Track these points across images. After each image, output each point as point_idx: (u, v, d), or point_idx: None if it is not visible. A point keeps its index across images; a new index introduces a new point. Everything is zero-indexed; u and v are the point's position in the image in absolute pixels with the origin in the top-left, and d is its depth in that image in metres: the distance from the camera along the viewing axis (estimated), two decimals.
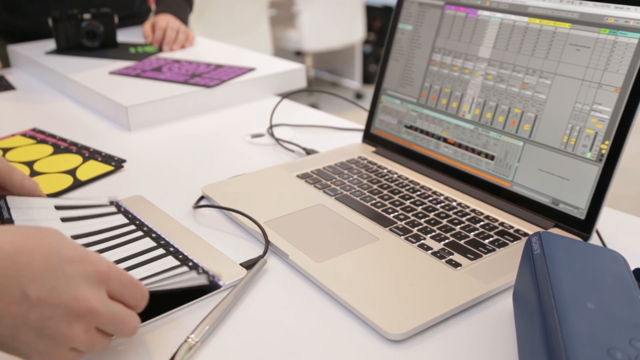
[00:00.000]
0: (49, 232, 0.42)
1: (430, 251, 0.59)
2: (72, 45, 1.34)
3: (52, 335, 0.39)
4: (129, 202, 0.70)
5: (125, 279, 0.43)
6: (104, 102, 1.02)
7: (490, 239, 0.61)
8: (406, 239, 0.61)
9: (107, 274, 0.42)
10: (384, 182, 0.74)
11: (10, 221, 0.55)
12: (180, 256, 0.58)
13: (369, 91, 4.05)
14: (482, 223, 0.64)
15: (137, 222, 0.64)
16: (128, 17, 1.56)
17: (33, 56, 1.29)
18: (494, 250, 0.59)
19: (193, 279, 0.53)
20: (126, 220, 0.64)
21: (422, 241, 0.60)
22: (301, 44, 3.51)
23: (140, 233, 0.62)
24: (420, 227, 0.63)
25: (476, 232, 0.62)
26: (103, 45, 1.36)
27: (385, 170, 0.77)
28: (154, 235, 0.62)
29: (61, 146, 0.88)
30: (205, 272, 0.55)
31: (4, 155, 0.85)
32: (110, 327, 0.42)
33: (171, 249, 0.59)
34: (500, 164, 0.68)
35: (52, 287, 0.39)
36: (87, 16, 1.33)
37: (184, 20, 1.50)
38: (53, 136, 0.92)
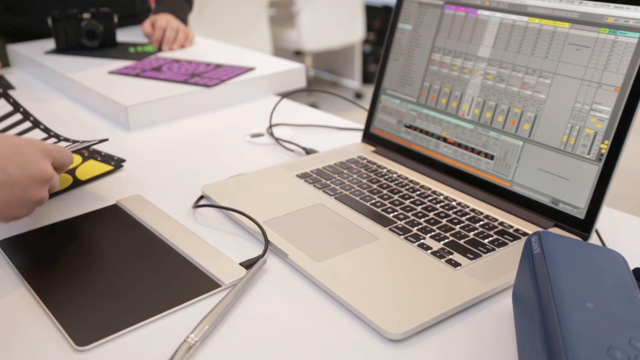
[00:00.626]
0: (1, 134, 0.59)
1: (429, 251, 0.59)
2: (71, 44, 1.34)
3: (32, 197, 0.57)
4: (129, 202, 0.70)
5: (61, 150, 0.61)
6: (103, 102, 1.02)
7: (490, 238, 0.61)
8: (406, 238, 0.61)
9: (49, 148, 0.59)
10: (384, 181, 0.74)
11: None
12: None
13: (369, 91, 4.04)
14: (481, 223, 0.64)
15: (22, 109, 0.76)
16: (128, 17, 1.56)
17: (32, 56, 1.29)
18: (493, 249, 0.59)
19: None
20: (10, 108, 0.76)
21: (421, 241, 0.60)
22: (301, 44, 3.51)
23: (28, 124, 0.75)
24: (419, 226, 0.63)
25: (476, 231, 0.62)
26: (102, 44, 1.36)
27: (384, 170, 0.77)
28: (42, 126, 0.75)
29: None
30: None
31: None
32: (54, 184, 0.60)
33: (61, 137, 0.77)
34: (499, 163, 0.68)
35: (22, 165, 0.55)
36: (86, 16, 1.33)
37: (184, 19, 1.50)
38: None
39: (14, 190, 0.55)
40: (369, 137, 0.86)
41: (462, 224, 0.63)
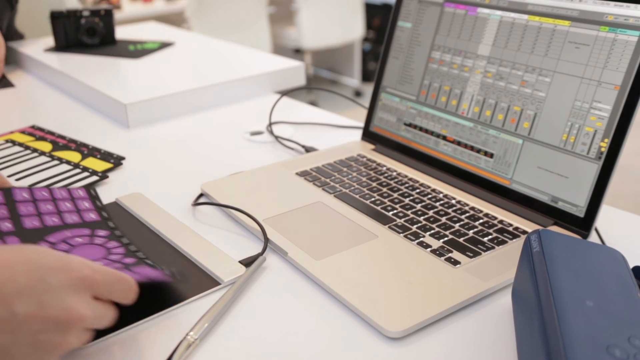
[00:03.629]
0: (28, 246, 0.42)
1: (429, 249, 0.59)
2: (70, 42, 1.34)
3: (46, 347, 0.39)
4: (128, 200, 0.70)
5: (110, 277, 0.44)
6: (103, 100, 1.02)
7: (490, 236, 0.61)
8: (405, 236, 0.61)
9: (92, 278, 0.42)
10: (383, 179, 0.74)
11: None
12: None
13: (368, 89, 4.04)
14: (481, 221, 0.64)
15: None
16: None
17: (32, 53, 1.29)
18: (493, 248, 0.59)
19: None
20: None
21: (421, 239, 0.60)
22: (300, 42, 3.51)
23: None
24: (419, 224, 0.63)
25: (475, 229, 0.62)
26: (102, 42, 1.36)
27: (384, 168, 0.77)
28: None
29: (60, 143, 0.88)
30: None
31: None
32: (95, 325, 0.43)
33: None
34: (499, 161, 0.68)
35: (39, 302, 0.39)
36: (86, 13, 1.33)
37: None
38: (52, 133, 0.92)
39: (19, 335, 0.38)
40: (368, 135, 0.85)
41: (462, 222, 0.63)
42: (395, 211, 0.66)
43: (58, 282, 0.40)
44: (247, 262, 0.57)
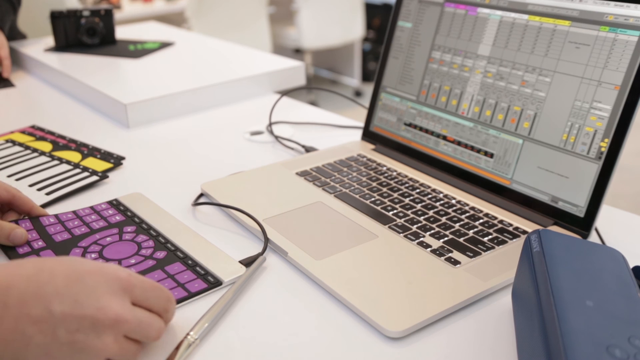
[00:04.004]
0: (68, 257, 0.44)
1: (429, 249, 0.59)
2: (70, 42, 1.34)
3: (84, 349, 0.40)
4: (128, 200, 0.70)
5: (147, 284, 0.44)
6: (103, 99, 1.02)
7: (490, 236, 0.61)
8: (405, 236, 0.61)
9: (128, 281, 0.42)
10: (383, 179, 0.74)
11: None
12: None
13: (368, 89, 4.04)
14: (481, 221, 0.64)
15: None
16: None
17: (32, 53, 1.29)
18: (493, 248, 0.59)
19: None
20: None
21: (421, 239, 0.60)
22: (300, 42, 3.51)
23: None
24: (419, 224, 0.63)
25: (475, 229, 0.62)
26: (102, 42, 1.36)
27: (384, 168, 0.77)
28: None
29: (60, 143, 0.88)
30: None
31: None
32: (137, 333, 0.42)
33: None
34: (499, 161, 0.68)
35: (75, 300, 0.40)
36: (86, 13, 1.33)
37: (2, 27, 1.30)
38: (52, 133, 0.92)
39: (58, 335, 0.39)
40: (368, 135, 0.85)
41: (462, 222, 0.63)
42: (395, 211, 0.66)
43: (94, 283, 0.41)
44: (247, 262, 0.57)
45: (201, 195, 0.72)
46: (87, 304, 0.40)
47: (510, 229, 0.62)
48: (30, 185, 0.74)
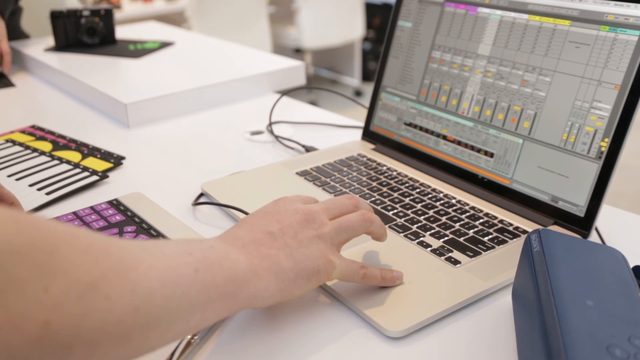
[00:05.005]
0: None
1: (429, 249, 0.58)
2: (71, 42, 1.34)
3: (312, 239, 0.47)
4: (128, 199, 0.70)
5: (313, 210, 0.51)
6: (103, 99, 1.02)
7: (490, 236, 0.61)
8: (405, 236, 0.61)
9: (316, 205, 0.51)
10: (384, 179, 0.74)
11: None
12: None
13: (369, 89, 4.04)
14: (481, 220, 0.64)
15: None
16: None
17: (32, 53, 1.29)
18: (493, 247, 0.59)
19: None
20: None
21: (421, 238, 0.60)
22: (300, 42, 3.51)
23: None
24: (419, 224, 0.63)
25: (475, 229, 0.62)
26: (102, 42, 1.36)
27: (384, 168, 0.77)
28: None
29: (60, 143, 0.88)
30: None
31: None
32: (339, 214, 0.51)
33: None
34: (499, 161, 0.68)
35: (279, 218, 0.48)
36: (86, 13, 1.33)
37: (2, 13, 1.28)
38: (52, 133, 0.92)
39: (288, 243, 0.47)
40: (368, 134, 0.85)
41: (462, 222, 0.63)
42: (395, 211, 0.66)
43: (289, 200, 0.52)
44: None
45: (201, 195, 0.72)
46: (288, 213, 0.49)
47: (511, 228, 0.62)
48: (30, 185, 0.74)
